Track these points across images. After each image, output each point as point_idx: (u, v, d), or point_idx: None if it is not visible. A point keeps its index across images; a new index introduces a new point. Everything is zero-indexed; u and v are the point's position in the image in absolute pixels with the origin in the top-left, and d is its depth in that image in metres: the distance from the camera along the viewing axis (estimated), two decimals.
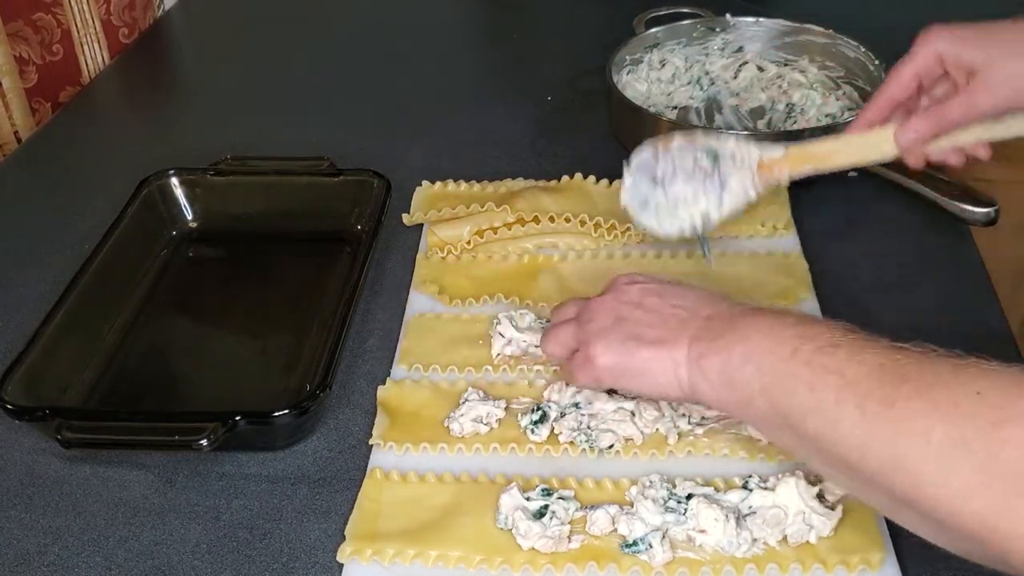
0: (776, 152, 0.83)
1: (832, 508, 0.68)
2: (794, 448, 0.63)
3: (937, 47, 0.78)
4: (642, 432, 0.75)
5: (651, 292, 0.72)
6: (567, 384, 0.78)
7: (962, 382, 0.54)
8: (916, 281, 0.91)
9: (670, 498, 0.69)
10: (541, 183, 1.03)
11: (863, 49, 1.09)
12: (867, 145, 0.82)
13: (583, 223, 0.94)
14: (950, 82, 0.79)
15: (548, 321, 0.84)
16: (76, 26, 1.30)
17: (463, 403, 0.77)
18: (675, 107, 1.13)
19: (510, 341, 0.83)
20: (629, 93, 1.09)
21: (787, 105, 1.10)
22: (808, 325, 0.63)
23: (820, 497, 0.69)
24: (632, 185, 0.86)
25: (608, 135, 1.12)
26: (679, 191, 0.85)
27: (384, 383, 0.81)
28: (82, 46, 1.32)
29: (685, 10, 1.21)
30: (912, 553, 0.67)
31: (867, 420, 0.55)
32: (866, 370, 0.57)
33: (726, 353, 0.64)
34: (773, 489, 0.69)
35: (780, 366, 0.61)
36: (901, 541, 0.68)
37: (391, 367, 0.84)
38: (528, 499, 0.69)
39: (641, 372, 0.69)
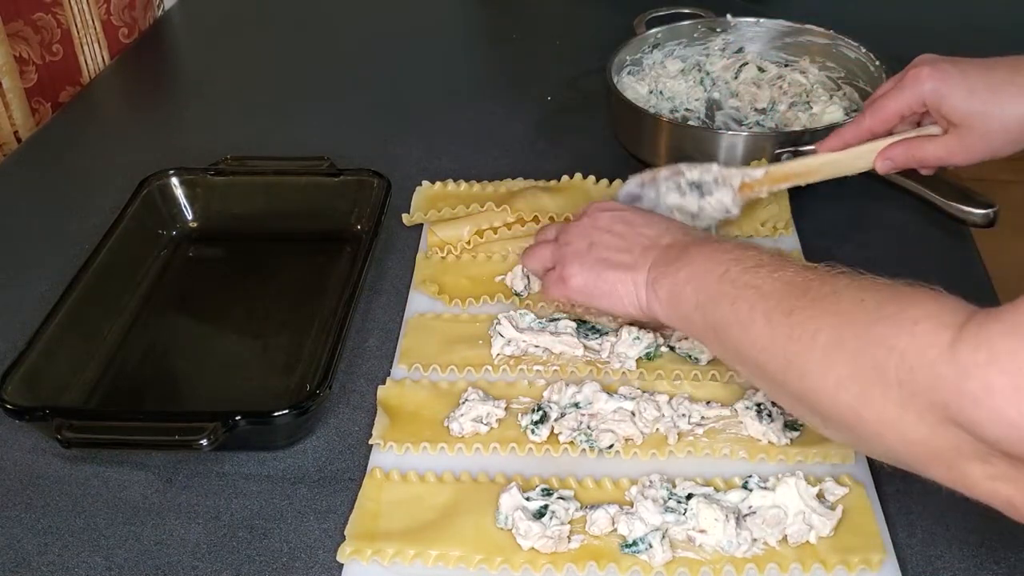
0: (757, 173, 0.89)
1: (832, 508, 0.68)
2: (722, 355, 0.71)
3: (923, 91, 0.81)
4: (642, 432, 0.75)
5: (621, 219, 0.78)
6: (543, 299, 0.82)
7: (852, 293, 0.60)
8: (916, 282, 0.90)
9: (670, 498, 0.69)
10: (541, 183, 1.03)
11: (864, 50, 1.08)
12: (843, 163, 0.87)
13: None
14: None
15: (548, 320, 0.84)
16: (76, 26, 1.30)
17: (463, 403, 0.77)
18: (675, 108, 1.13)
19: (510, 341, 0.83)
20: (629, 94, 1.09)
21: (788, 106, 1.10)
22: (743, 249, 0.70)
23: (820, 497, 0.69)
24: None
25: (608, 135, 1.12)
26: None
27: (384, 383, 0.81)
28: (82, 46, 1.32)
29: (685, 10, 1.20)
30: (912, 553, 0.68)
31: (771, 327, 0.62)
32: (779, 285, 0.64)
33: (674, 276, 0.71)
34: (773, 489, 0.69)
35: (712, 285, 0.68)
36: (901, 541, 0.68)
37: (391, 367, 0.84)
38: (528, 499, 0.69)
39: (608, 293, 0.76)
